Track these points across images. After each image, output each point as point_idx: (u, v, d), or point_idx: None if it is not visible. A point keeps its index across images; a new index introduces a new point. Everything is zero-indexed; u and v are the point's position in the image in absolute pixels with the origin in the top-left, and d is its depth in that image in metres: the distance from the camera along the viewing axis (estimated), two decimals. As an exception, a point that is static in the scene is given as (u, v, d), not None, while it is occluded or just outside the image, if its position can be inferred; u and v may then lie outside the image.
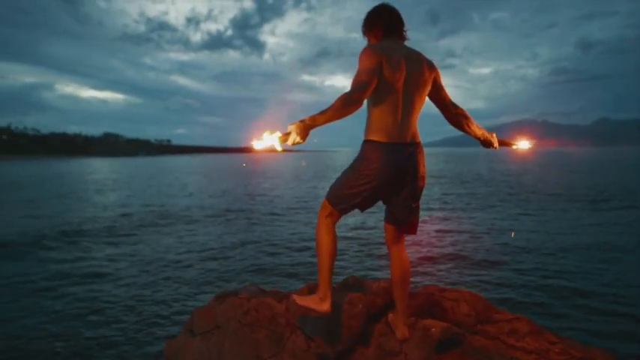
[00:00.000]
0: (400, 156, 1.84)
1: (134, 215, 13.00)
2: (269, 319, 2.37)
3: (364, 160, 1.88)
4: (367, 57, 1.77)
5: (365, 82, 1.72)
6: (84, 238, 9.73)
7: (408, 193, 1.93)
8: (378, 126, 1.86)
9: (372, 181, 1.85)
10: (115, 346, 4.12)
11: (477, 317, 2.31)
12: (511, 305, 4.81)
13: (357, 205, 1.94)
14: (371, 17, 1.96)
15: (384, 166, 1.83)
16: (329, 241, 2.00)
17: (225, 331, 2.46)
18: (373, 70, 1.75)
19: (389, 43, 1.88)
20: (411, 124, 1.88)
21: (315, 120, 1.58)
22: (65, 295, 5.74)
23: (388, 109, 1.84)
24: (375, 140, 1.85)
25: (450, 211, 12.35)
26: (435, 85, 1.96)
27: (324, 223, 2.01)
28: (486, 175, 28.55)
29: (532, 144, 2.28)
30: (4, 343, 4.28)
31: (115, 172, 43.36)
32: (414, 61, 1.86)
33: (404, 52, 1.87)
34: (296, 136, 1.55)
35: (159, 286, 5.95)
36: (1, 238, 9.62)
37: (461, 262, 6.72)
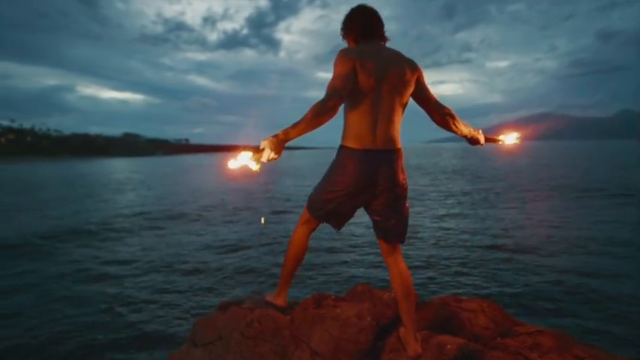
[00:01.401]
0: (373, 163, 1.80)
1: (150, 215, 13.17)
2: (273, 331, 2.24)
3: (337, 167, 1.87)
4: (340, 62, 1.74)
5: (338, 89, 1.68)
6: (98, 239, 9.88)
7: (386, 202, 1.88)
8: (352, 132, 1.82)
9: (345, 188, 1.84)
10: (116, 354, 4.06)
11: (496, 330, 2.13)
12: (533, 314, 4.54)
13: (333, 212, 1.93)
14: (347, 20, 1.93)
15: (356, 173, 1.80)
16: (299, 247, 2.10)
17: (227, 343, 2.34)
18: (347, 76, 1.71)
19: (365, 46, 1.84)
20: (388, 129, 1.82)
21: (287, 133, 1.57)
22: (68, 297, 5.77)
23: (363, 114, 1.79)
24: (348, 146, 1.83)
25: (464, 209, 12.03)
26: (419, 85, 1.90)
27: (300, 228, 2.09)
28: (503, 170, 27.90)
29: (519, 138, 2.23)
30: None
31: (134, 172, 44.15)
32: (393, 63, 1.81)
33: (382, 54, 1.82)
34: (270, 151, 1.54)
35: (166, 290, 5.91)
36: (19, 237, 9.83)
37: (477, 266, 6.37)
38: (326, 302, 2.26)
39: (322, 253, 7.30)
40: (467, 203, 13.17)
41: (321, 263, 6.69)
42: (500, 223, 9.65)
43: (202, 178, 30.86)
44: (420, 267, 6.30)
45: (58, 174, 42.66)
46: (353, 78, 1.73)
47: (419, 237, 8.38)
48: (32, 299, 5.70)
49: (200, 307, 5.18)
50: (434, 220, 10.36)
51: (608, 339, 3.95)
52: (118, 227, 11.29)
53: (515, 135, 2.22)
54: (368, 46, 1.84)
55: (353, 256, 7.09)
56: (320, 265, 6.62)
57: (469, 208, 12.09)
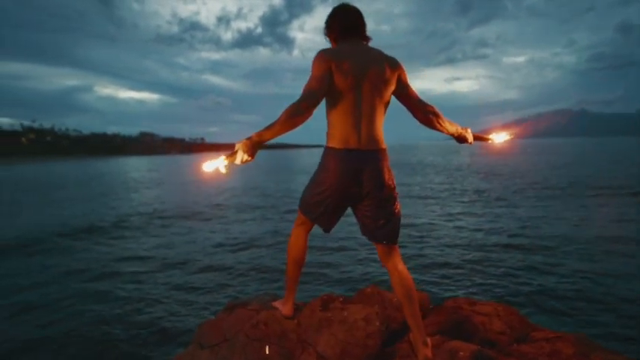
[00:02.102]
0: (356, 162, 1.78)
1: (164, 213, 13.30)
2: (279, 334, 2.18)
3: (321, 168, 1.86)
4: (316, 63, 1.74)
5: (313, 91, 1.67)
6: (113, 236, 10.02)
7: (372, 203, 1.85)
8: (334, 132, 1.81)
9: (329, 188, 1.82)
10: (123, 354, 4.05)
11: (512, 335, 2.03)
12: (551, 319, 4.35)
13: (322, 214, 1.90)
14: (328, 19, 1.92)
15: (338, 172, 1.78)
16: (297, 249, 2.08)
17: (233, 345, 2.28)
18: (322, 77, 1.71)
19: (344, 46, 1.83)
20: (371, 128, 1.80)
21: (261, 136, 1.58)
22: (80, 294, 5.84)
23: (344, 114, 1.78)
24: (331, 147, 1.82)
25: (480, 207, 11.78)
26: (400, 83, 1.87)
27: (295, 230, 2.08)
28: (521, 168, 27.36)
29: (509, 137, 2.18)
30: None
31: (151, 170, 44.71)
32: (372, 62, 1.79)
33: (361, 53, 1.81)
34: (243, 154, 1.56)
35: (176, 289, 5.91)
36: (40, 233, 10.02)
37: (491, 267, 6.13)
38: (333, 304, 2.19)
39: (331, 253, 7.20)
40: (482, 201, 12.93)
41: (330, 263, 6.59)
42: (517, 221, 9.42)
43: (218, 177, 31.01)
44: (432, 267, 6.16)
45: (76, 173, 43.47)
46: (328, 79, 1.72)
47: (433, 236, 8.23)
48: (46, 295, 5.78)
49: (210, 305, 5.15)
50: (448, 218, 10.19)
51: (630, 344, 3.79)
52: (133, 225, 11.42)
53: (505, 134, 2.17)
54: (347, 45, 1.84)
55: (363, 256, 6.96)
56: (328, 265, 6.52)
57: (485, 207, 11.86)
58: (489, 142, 2.18)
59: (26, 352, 4.16)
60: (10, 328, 4.75)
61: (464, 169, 27.62)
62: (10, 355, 4.12)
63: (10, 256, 8.33)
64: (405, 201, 13.60)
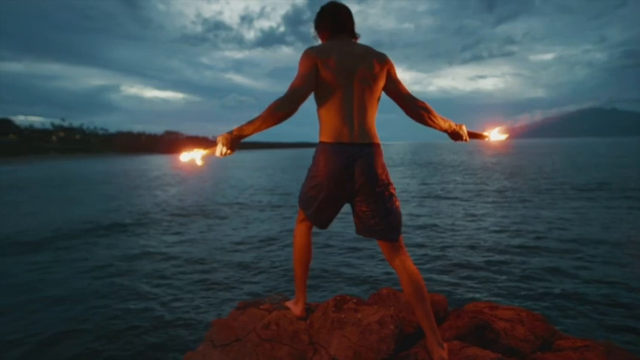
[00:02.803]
0: (347, 155, 1.76)
1: (187, 210, 13.46)
2: (291, 334, 2.12)
3: (313, 163, 1.86)
4: (302, 61, 1.77)
5: (297, 88, 1.70)
6: (134, 233, 10.20)
7: (366, 199, 1.82)
8: (324, 127, 1.81)
9: (320, 183, 1.81)
10: (135, 350, 4.07)
11: (535, 343, 1.91)
12: (578, 326, 4.13)
13: (317, 209, 1.88)
14: (317, 17, 1.94)
15: (328, 165, 1.77)
16: (300, 246, 2.05)
17: (244, 345, 2.23)
18: (307, 75, 1.73)
19: (331, 43, 1.84)
20: (362, 123, 1.80)
21: (242, 130, 1.62)
22: (95, 290, 5.94)
23: (332, 109, 1.79)
24: (322, 141, 1.82)
25: (504, 208, 11.46)
26: (390, 78, 1.87)
27: (297, 228, 2.06)
28: (549, 168, 26.56)
29: (506, 135, 2.12)
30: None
31: (175, 169, 45.43)
32: (360, 57, 1.80)
33: (348, 49, 1.81)
34: (222, 146, 1.61)
35: (193, 285, 5.93)
36: (63, 229, 10.25)
37: (515, 270, 5.89)
38: (347, 306, 2.12)
39: (347, 253, 7.11)
40: (507, 201, 12.58)
41: (346, 264, 6.50)
42: (543, 223, 9.11)
43: (240, 175, 31.30)
44: (453, 269, 5.99)
45: (103, 170, 44.60)
46: (314, 77, 1.75)
47: (455, 237, 8.04)
48: (67, 290, 5.92)
49: (226, 303, 5.15)
50: (472, 219, 9.95)
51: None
52: (154, 222, 11.61)
53: (500, 131, 2.11)
54: (334, 42, 1.84)
55: (380, 257, 6.79)
56: (344, 265, 6.43)
57: (509, 207, 11.53)
58: (485, 140, 2.13)
59: (42, 346, 4.24)
60: (30, 322, 4.86)
61: (488, 169, 27.00)
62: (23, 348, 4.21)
63: (37, 250, 8.57)
64: (427, 201, 13.39)
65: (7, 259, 7.95)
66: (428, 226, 9.13)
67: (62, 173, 41.09)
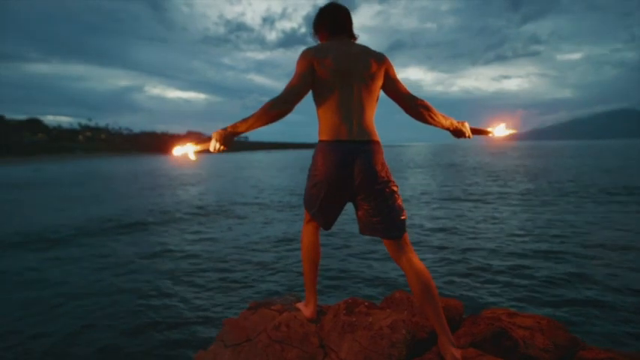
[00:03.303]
0: (345, 153, 1.76)
1: (207, 209, 13.61)
2: (301, 337, 2.08)
3: (313, 162, 1.87)
4: (299, 61, 1.80)
5: (292, 87, 1.73)
6: (156, 230, 10.32)
7: (366, 197, 1.81)
8: (323, 126, 1.83)
9: (320, 182, 1.82)
10: (150, 345, 4.09)
11: (556, 353, 1.82)
12: (603, 337, 3.92)
13: (319, 209, 1.89)
14: (315, 18, 1.96)
15: (327, 163, 1.78)
16: (308, 247, 2.04)
17: (255, 345, 2.21)
18: (303, 75, 1.76)
19: (329, 43, 1.86)
20: (360, 121, 1.80)
21: (236, 127, 1.67)
22: (111, 287, 6.02)
23: (331, 108, 1.80)
24: (321, 140, 1.84)
25: (529, 211, 11.14)
26: (388, 77, 1.88)
27: (304, 228, 2.06)
28: (575, 170, 25.75)
29: (511, 130, 2.08)
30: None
31: (196, 167, 46.07)
32: (357, 57, 1.81)
33: (345, 49, 1.83)
34: (216, 142, 1.66)
35: (208, 284, 5.92)
36: (86, 226, 10.48)
37: (537, 276, 5.64)
38: (358, 309, 2.07)
39: (361, 255, 7.00)
40: (531, 204, 12.23)
41: (360, 265, 6.39)
42: (568, 227, 8.79)
43: (260, 175, 31.50)
44: (471, 274, 5.81)
45: (127, 169, 45.60)
46: (310, 76, 1.77)
47: (475, 240, 7.86)
48: (84, 286, 6.03)
49: (240, 302, 5.14)
50: (493, 222, 9.71)
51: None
52: (174, 220, 11.79)
53: (505, 126, 2.07)
54: (332, 42, 1.86)
55: (386, 263, 6.64)
56: (358, 267, 6.32)
57: (533, 210, 11.18)
58: (490, 136, 2.09)
59: (62, 339, 4.32)
60: (53, 316, 4.97)
61: (511, 171, 26.40)
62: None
63: (61, 246, 8.80)
64: (448, 203, 13.16)
65: (32, 254, 8.18)
66: (448, 229, 8.96)
67: (87, 172, 42.19)
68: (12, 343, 4.28)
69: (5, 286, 6.19)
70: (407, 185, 19.62)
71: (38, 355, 4.03)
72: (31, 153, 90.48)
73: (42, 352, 4.08)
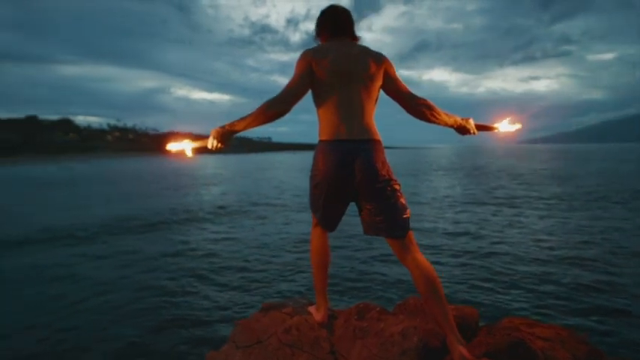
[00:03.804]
0: (345, 152, 1.75)
1: (228, 209, 13.79)
2: (311, 341, 2.05)
3: (313, 162, 1.86)
4: (298, 62, 1.81)
5: (290, 88, 1.75)
6: (177, 228, 10.48)
7: (367, 196, 1.80)
8: (323, 126, 1.83)
9: (321, 182, 1.81)
10: (164, 344, 4.13)
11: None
12: (628, 351, 3.72)
13: (322, 211, 1.90)
14: (316, 23, 1.98)
15: (327, 163, 1.77)
16: (317, 250, 2.03)
17: (265, 348, 2.19)
18: (301, 76, 1.77)
19: (328, 44, 1.87)
20: (360, 120, 1.80)
21: (233, 126, 1.71)
22: (130, 284, 6.12)
23: (330, 108, 1.80)
24: (321, 140, 1.84)
25: (558, 217, 10.78)
26: (387, 77, 1.87)
27: (313, 231, 2.06)
28: (608, 174, 24.80)
29: (518, 125, 2.02)
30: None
31: (220, 168, 46.77)
32: (355, 58, 1.81)
33: (344, 49, 1.83)
34: (213, 140, 1.71)
35: (227, 284, 5.96)
36: (107, 224, 10.73)
37: (561, 284, 5.39)
38: (370, 314, 2.03)
39: (377, 258, 6.88)
40: (560, 209, 11.82)
41: (375, 269, 6.28)
42: (598, 233, 8.42)
43: (283, 176, 31.65)
44: (491, 280, 5.63)
45: (153, 169, 46.60)
46: (308, 77, 1.78)
47: (498, 245, 7.66)
48: (101, 283, 6.16)
49: (260, 301, 5.14)
50: (517, 227, 9.43)
51: None
52: (196, 219, 11.99)
53: (510, 121, 2.02)
54: (331, 43, 1.87)
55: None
56: (373, 270, 6.22)
57: (562, 215, 10.78)
58: (495, 132, 2.06)
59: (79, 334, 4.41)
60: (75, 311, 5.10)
61: (538, 174, 25.70)
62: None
63: (86, 243, 9.06)
64: (471, 206, 12.89)
65: (61, 250, 8.48)
66: (471, 233, 8.77)
67: (115, 171, 43.35)
68: (40, 336, 4.42)
69: (36, 281, 6.41)
70: (431, 188, 19.38)
71: (62, 348, 4.13)
72: (63, 152, 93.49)
73: (67, 344, 4.20)
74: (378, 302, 4.73)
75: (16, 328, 4.63)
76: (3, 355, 4.09)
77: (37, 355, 4.02)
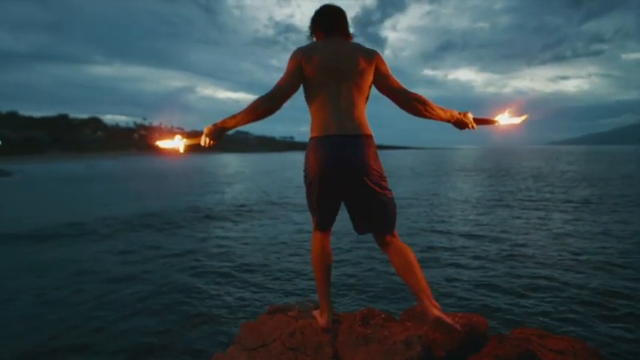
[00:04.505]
0: (333, 147, 1.76)
1: (249, 208, 13.94)
2: (315, 345, 2.02)
3: (305, 160, 1.86)
4: (289, 61, 1.84)
5: (280, 86, 1.77)
6: (196, 226, 10.66)
7: (358, 191, 1.81)
8: (314, 123, 1.84)
9: (313, 179, 1.82)
10: (164, 346, 4.15)
11: (591, 382, 1.65)
12: None
13: (316, 209, 1.91)
14: (311, 21, 1.99)
15: (318, 159, 1.77)
16: (318, 254, 2.00)
17: (269, 351, 2.17)
18: (291, 74, 1.80)
19: (319, 42, 1.89)
20: (350, 116, 1.80)
21: (225, 123, 1.75)
22: (149, 280, 6.25)
23: (320, 105, 1.81)
24: (312, 137, 1.84)
25: (584, 220, 10.39)
26: (378, 74, 1.88)
27: (313, 236, 2.04)
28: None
29: (519, 118, 1.96)
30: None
31: (243, 167, 47.30)
32: (345, 55, 1.82)
33: (333, 47, 1.84)
34: (205, 137, 1.76)
35: (241, 284, 5.95)
36: (129, 221, 10.99)
37: (581, 293, 5.06)
38: (374, 321, 1.99)
39: (385, 262, 6.72)
40: (588, 213, 11.34)
41: (384, 273, 6.09)
42: (628, 239, 7.99)
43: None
44: (506, 286, 5.40)
45: (177, 167, 47.51)
46: (299, 75, 1.81)
47: (521, 249, 7.43)
48: (117, 279, 6.30)
49: (270, 302, 5.14)
50: (543, 230, 9.12)
51: None
52: (218, 217, 12.14)
53: (510, 113, 1.95)
54: (323, 42, 1.89)
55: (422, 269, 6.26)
56: (382, 275, 6.04)
57: (590, 220, 10.30)
58: (496, 125, 2.00)
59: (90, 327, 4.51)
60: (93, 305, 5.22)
61: (566, 177, 24.92)
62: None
63: (106, 238, 9.29)
64: (495, 209, 12.57)
65: (85, 245, 8.78)
66: (492, 236, 8.54)
67: (139, 168, 44.38)
68: (57, 330, 4.53)
69: (59, 275, 6.62)
70: (455, 189, 19.06)
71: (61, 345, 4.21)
72: (91, 150, 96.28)
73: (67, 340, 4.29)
74: (386, 306, 4.69)
75: (36, 321, 4.77)
76: (26, 347, 4.21)
77: (41, 350, 4.11)
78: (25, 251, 8.35)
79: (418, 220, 10.65)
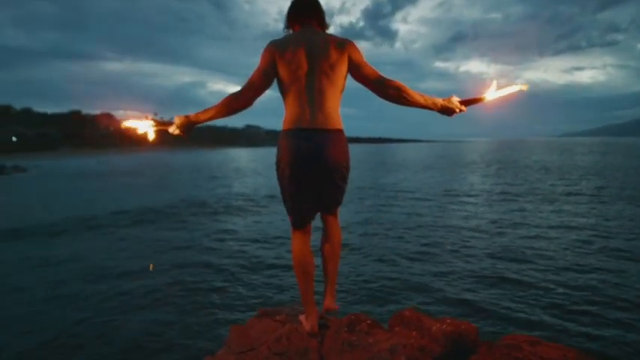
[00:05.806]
0: (304, 140, 1.76)
1: (258, 202, 14.08)
2: (300, 351, 1.98)
3: (277, 153, 1.86)
4: (261, 55, 1.81)
5: (252, 81, 1.77)
6: (201, 220, 10.74)
7: (326, 184, 1.85)
8: (287, 116, 1.82)
9: (285, 172, 1.82)
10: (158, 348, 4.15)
11: (583, 393, 1.58)
12: None
13: (294, 203, 1.90)
14: (286, 13, 1.97)
15: (289, 151, 1.78)
16: (299, 257, 1.99)
17: (257, 355, 2.14)
18: (264, 68, 1.79)
19: (292, 34, 1.87)
20: (322, 110, 1.78)
21: (198, 117, 1.75)
22: (150, 276, 6.35)
23: (292, 98, 1.80)
24: (283, 130, 1.84)
25: (595, 215, 10.15)
26: (352, 63, 1.83)
27: (292, 237, 2.03)
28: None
29: (511, 88, 1.83)
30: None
31: (252, 161, 47.47)
32: (317, 47, 1.79)
33: (305, 39, 1.81)
34: (175, 128, 1.75)
35: (241, 284, 5.93)
36: (141, 213, 11.12)
37: (581, 297, 4.82)
38: (360, 327, 1.93)
39: (385, 264, 6.56)
40: (600, 207, 11.09)
41: (373, 275, 5.94)
42: (632, 242, 7.56)
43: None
44: (500, 290, 5.16)
45: (188, 162, 47.84)
46: (272, 70, 1.79)
47: (527, 247, 7.28)
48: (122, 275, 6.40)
49: (268, 302, 5.12)
50: (554, 227, 8.88)
51: None
52: (226, 211, 12.34)
53: (497, 86, 1.82)
54: (295, 34, 1.86)
55: (416, 272, 6.00)
56: (371, 277, 5.86)
57: (604, 216, 9.92)
58: (484, 102, 1.86)
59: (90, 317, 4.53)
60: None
61: (579, 170, 24.44)
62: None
63: (112, 232, 9.48)
64: (506, 203, 12.37)
65: (91, 238, 8.99)
66: (499, 231, 8.42)
67: (150, 163, 44.77)
68: (65, 326, 4.62)
69: (73, 267, 6.87)
70: (465, 183, 18.85)
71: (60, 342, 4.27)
72: (103, 146, 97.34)
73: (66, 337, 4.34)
74: (377, 308, 4.61)
75: (37, 317, 4.85)
76: (34, 338, 4.28)
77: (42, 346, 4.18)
78: (38, 246, 8.59)
79: (423, 214, 10.56)
